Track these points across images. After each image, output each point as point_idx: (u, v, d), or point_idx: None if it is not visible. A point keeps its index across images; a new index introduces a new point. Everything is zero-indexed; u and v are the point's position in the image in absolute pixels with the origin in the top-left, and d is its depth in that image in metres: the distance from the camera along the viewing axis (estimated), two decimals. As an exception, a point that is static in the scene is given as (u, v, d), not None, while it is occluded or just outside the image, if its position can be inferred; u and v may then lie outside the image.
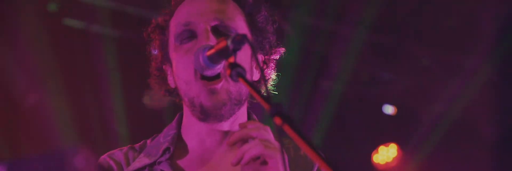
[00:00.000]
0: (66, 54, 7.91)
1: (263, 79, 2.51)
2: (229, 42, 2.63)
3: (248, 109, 3.07)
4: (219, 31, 2.90)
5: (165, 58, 3.01)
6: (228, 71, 2.60)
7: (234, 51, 2.64)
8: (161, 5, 3.16)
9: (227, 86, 2.85)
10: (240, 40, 2.61)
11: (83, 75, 8.05)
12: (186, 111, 2.97)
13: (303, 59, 7.11)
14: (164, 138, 3.02)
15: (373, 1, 8.40)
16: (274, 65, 3.10)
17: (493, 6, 8.52)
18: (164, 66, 3.03)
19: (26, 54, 7.65)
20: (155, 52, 3.10)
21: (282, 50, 3.11)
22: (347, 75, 9.06)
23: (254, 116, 3.06)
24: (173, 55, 2.97)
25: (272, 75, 3.10)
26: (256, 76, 3.01)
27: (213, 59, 2.75)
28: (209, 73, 2.81)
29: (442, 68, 9.38)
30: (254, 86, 2.55)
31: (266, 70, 3.08)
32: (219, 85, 2.84)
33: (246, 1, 3.04)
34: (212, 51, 2.74)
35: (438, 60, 9.35)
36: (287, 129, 2.27)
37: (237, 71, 2.59)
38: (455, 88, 9.35)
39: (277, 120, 2.29)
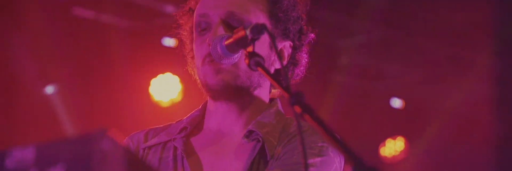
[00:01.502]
0: (75, 44, 7.92)
1: (283, 68, 2.50)
2: (248, 32, 2.64)
3: (278, 98, 3.09)
4: (232, 25, 2.90)
5: (192, 44, 3.06)
6: (246, 61, 2.62)
7: (253, 41, 2.65)
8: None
9: (235, 70, 2.87)
10: (259, 30, 2.61)
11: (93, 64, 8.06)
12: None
13: (311, 52, 7.05)
14: (186, 119, 3.08)
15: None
16: (305, 50, 3.11)
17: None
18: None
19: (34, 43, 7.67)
20: (185, 37, 3.13)
21: (312, 35, 3.11)
22: (356, 68, 9.07)
23: (276, 104, 3.06)
24: (194, 43, 3.01)
25: (302, 60, 3.11)
26: (278, 64, 3.02)
27: (231, 48, 2.77)
28: (226, 61, 2.84)
29: (451, 62, 9.38)
30: (272, 75, 2.55)
31: (296, 54, 3.08)
32: (224, 65, 2.87)
33: None
34: (230, 40, 2.75)
35: (447, 54, 9.35)
36: (307, 118, 2.26)
37: (255, 60, 2.60)
38: (463, 82, 9.37)
39: (297, 109, 2.29)
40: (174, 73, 8.21)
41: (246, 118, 2.97)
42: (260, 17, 2.96)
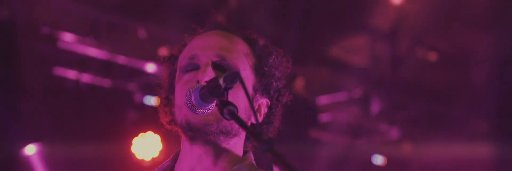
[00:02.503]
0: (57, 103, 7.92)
1: (255, 116, 2.50)
2: (221, 80, 2.64)
3: (251, 149, 3.07)
4: (220, 67, 2.91)
5: (171, 88, 3.04)
6: (220, 110, 2.62)
7: (226, 90, 2.65)
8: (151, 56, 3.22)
9: (219, 116, 2.79)
10: (232, 78, 2.61)
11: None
12: (183, 139, 2.99)
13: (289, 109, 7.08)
14: (157, 170, 3.04)
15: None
16: (280, 111, 3.10)
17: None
18: (170, 96, 3.06)
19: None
20: (164, 81, 3.13)
21: (289, 97, 3.11)
22: (337, 125, 9.10)
23: (250, 156, 3.04)
24: (176, 85, 2.99)
25: (276, 121, 3.09)
26: (260, 118, 3.02)
27: (205, 98, 2.73)
28: (200, 112, 2.79)
29: (431, 119, 9.45)
30: (244, 123, 2.55)
31: (271, 115, 3.07)
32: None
33: (256, 43, 3.06)
34: (204, 90, 2.73)
35: (427, 110, 9.42)
36: (279, 164, 2.27)
37: (229, 109, 2.60)
38: (444, 139, 9.41)
39: (269, 156, 2.30)
40: (155, 132, 8.21)
41: (222, 167, 2.94)
42: (247, 68, 2.98)
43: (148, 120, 7.97)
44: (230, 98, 2.68)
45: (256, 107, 3.02)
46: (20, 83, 7.64)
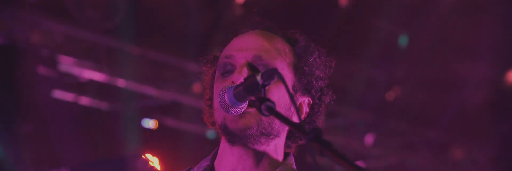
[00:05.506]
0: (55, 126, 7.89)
1: (296, 109, 2.48)
2: (258, 77, 2.63)
3: (292, 153, 3.03)
4: (255, 68, 2.88)
5: (212, 89, 3.01)
6: (257, 106, 2.59)
7: (264, 86, 2.63)
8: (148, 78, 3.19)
9: (260, 116, 2.80)
10: (270, 75, 2.60)
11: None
12: (223, 140, 2.96)
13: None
14: (197, 169, 2.99)
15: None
16: (323, 111, 3.04)
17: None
18: (212, 98, 3.02)
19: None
20: (206, 83, 3.08)
21: (332, 96, 3.06)
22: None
23: (292, 160, 3.00)
24: (214, 87, 2.97)
25: (319, 121, 3.04)
26: (296, 119, 2.93)
27: (240, 97, 2.71)
28: (233, 111, 2.77)
29: (426, 145, 9.46)
30: (285, 117, 2.54)
31: (314, 115, 3.01)
32: (248, 110, 2.80)
33: (297, 43, 3.03)
34: (239, 88, 2.70)
35: (423, 137, 9.44)
36: (327, 153, 2.26)
37: (266, 105, 2.57)
38: (440, 165, 9.42)
39: (315, 146, 2.29)
40: (154, 154, 8.16)
41: (263, 169, 2.90)
42: (285, 67, 2.93)
43: (147, 142, 7.95)
44: (273, 97, 2.68)
45: (297, 106, 2.95)
46: (20, 105, 7.63)
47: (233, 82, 2.81)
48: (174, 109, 8.56)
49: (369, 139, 9.21)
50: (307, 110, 3.01)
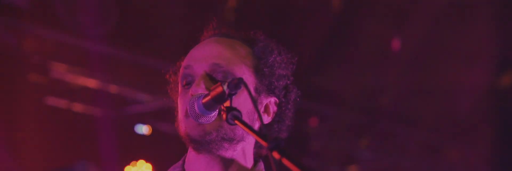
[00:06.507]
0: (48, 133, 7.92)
1: (260, 119, 2.52)
2: (225, 87, 2.68)
3: (262, 158, 3.05)
4: (214, 78, 2.90)
5: (175, 99, 3.04)
6: (224, 115, 2.65)
7: (230, 96, 2.68)
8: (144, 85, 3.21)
9: (218, 121, 2.81)
10: (236, 84, 2.64)
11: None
12: (190, 149, 2.98)
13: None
14: None
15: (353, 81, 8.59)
16: (291, 109, 3.07)
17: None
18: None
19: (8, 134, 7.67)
20: (171, 93, 3.10)
21: (297, 93, 3.09)
22: (327, 153, 9.11)
23: (261, 166, 3.02)
24: (179, 97, 3.00)
25: (287, 119, 3.07)
26: (265, 119, 3.00)
27: (209, 106, 2.75)
28: (204, 120, 2.81)
29: (423, 149, 9.47)
30: (249, 126, 2.58)
31: (282, 112, 3.04)
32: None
33: (256, 44, 3.05)
34: (207, 98, 2.75)
35: (419, 140, 9.45)
36: (286, 162, 2.29)
37: (232, 114, 2.63)
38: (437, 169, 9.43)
39: (276, 154, 2.32)
40: (147, 160, 8.21)
41: None
42: (245, 71, 2.95)
43: (140, 148, 7.99)
44: (234, 104, 2.70)
45: (262, 108, 2.99)
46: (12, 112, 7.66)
47: (191, 95, 2.84)
48: (168, 115, 8.58)
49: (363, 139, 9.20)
50: (275, 109, 3.03)
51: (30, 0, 7.64)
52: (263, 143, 2.43)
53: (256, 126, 2.97)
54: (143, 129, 8.28)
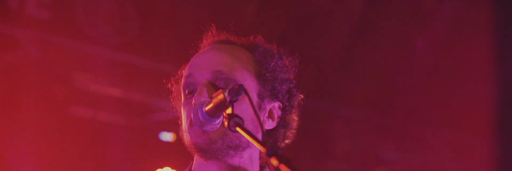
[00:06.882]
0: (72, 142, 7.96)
1: (261, 126, 2.53)
2: (226, 94, 2.69)
3: (267, 166, 3.05)
4: (216, 86, 2.92)
5: (179, 108, 3.06)
6: (226, 122, 2.66)
7: (232, 103, 2.69)
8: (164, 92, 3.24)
9: (222, 129, 2.82)
10: (236, 91, 2.65)
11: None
12: (197, 157, 2.99)
13: (306, 139, 7.09)
14: None
15: (373, 80, 8.56)
16: (296, 112, 3.08)
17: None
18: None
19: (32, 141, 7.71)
20: (174, 102, 3.15)
21: (300, 96, 3.10)
22: (353, 155, 9.07)
23: None
24: (183, 107, 3.02)
25: (292, 123, 3.08)
26: (270, 125, 3.02)
27: (212, 114, 2.77)
28: (209, 128, 2.84)
29: (449, 148, 9.41)
30: (250, 132, 2.58)
31: (286, 116, 3.05)
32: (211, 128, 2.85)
33: (256, 49, 3.06)
34: (210, 105, 2.77)
35: (445, 139, 9.40)
36: (284, 168, 2.30)
37: (234, 121, 2.64)
38: (462, 169, 9.37)
39: (274, 161, 2.33)
40: (173, 167, 8.22)
41: None
42: (247, 77, 2.96)
43: (165, 156, 8.00)
44: (237, 111, 2.71)
45: (266, 113, 3.00)
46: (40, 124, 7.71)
47: (194, 104, 2.85)
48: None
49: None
50: (279, 114, 3.05)
51: (51, 11, 7.70)
52: (262, 149, 2.44)
53: (260, 132, 2.93)
54: (168, 137, 8.30)
